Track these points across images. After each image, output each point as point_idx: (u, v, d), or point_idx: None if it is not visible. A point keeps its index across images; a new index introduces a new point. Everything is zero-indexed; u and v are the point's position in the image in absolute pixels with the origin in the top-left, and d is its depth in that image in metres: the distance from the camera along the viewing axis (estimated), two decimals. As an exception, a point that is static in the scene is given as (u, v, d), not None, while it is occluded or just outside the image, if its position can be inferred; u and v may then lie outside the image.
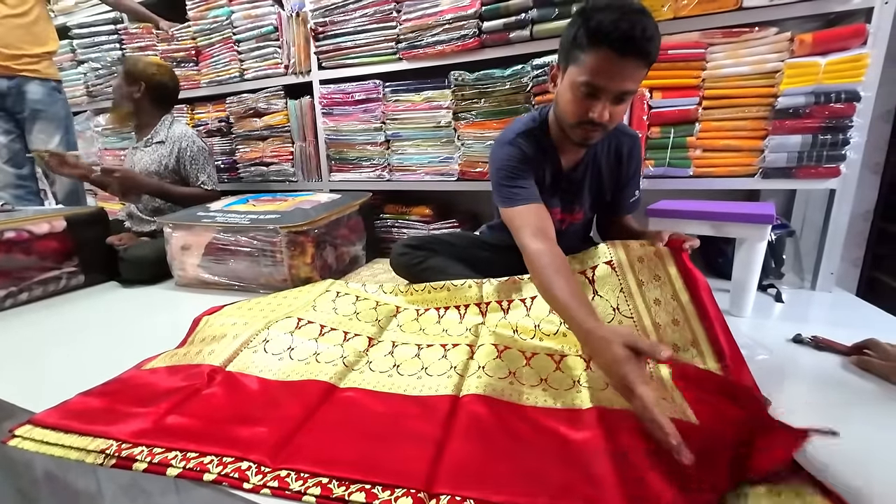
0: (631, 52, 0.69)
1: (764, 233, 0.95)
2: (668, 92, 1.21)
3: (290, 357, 0.78)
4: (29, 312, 1.17)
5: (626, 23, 0.66)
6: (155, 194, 1.55)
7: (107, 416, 0.63)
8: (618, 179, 1.00)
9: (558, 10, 1.25)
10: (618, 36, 0.67)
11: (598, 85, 0.72)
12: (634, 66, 0.70)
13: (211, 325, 0.91)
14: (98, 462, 0.55)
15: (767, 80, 1.12)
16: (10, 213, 1.28)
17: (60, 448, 0.57)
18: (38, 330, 1.05)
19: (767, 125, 1.14)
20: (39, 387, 0.77)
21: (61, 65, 2.14)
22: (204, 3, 1.74)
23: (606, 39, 0.68)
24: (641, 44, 0.68)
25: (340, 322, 0.91)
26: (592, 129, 0.80)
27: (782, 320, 1.00)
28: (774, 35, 1.09)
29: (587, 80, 0.73)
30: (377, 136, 1.60)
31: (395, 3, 1.44)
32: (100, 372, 0.77)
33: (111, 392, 0.71)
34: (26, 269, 1.22)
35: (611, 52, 0.69)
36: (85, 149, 2.26)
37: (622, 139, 0.97)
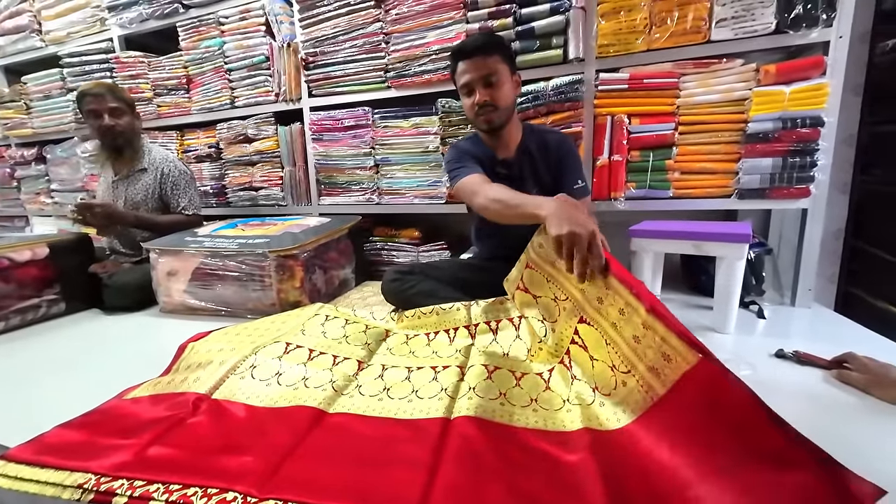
0: (472, 53, 1.02)
1: (742, 251, 0.99)
2: (645, 118, 1.27)
3: (278, 383, 0.77)
4: (5, 342, 1.13)
5: (463, 43, 1.07)
6: (136, 226, 1.53)
7: (85, 449, 0.61)
8: (553, 168, 1.12)
9: (539, 42, 1.32)
10: (459, 49, 1.06)
11: (468, 81, 1.04)
12: (480, 59, 1.02)
13: (197, 351, 0.89)
14: (75, 498, 0.53)
15: (737, 106, 1.19)
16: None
17: (35, 484, 0.55)
18: (15, 361, 1.02)
19: (740, 149, 1.20)
20: (15, 420, 0.74)
21: (50, 92, 2.15)
22: (196, 34, 1.79)
23: (458, 55, 1.05)
24: (473, 45, 1.03)
25: (330, 346, 0.91)
26: (485, 112, 1.04)
27: (765, 336, 1.03)
28: (741, 66, 1.17)
29: (462, 83, 1.06)
30: (366, 160, 1.63)
31: (383, 35, 1.50)
32: (79, 403, 0.75)
33: (91, 423, 0.68)
34: (4, 298, 1.18)
35: (462, 60, 1.04)
36: (71, 175, 2.24)
37: (548, 136, 1.13)
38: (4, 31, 2.18)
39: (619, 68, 1.27)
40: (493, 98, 1.02)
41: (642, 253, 1.15)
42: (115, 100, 1.48)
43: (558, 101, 1.32)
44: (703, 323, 1.09)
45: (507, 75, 1.05)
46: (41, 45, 2.12)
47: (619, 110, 1.28)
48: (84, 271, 1.38)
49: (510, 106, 1.07)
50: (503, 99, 1.04)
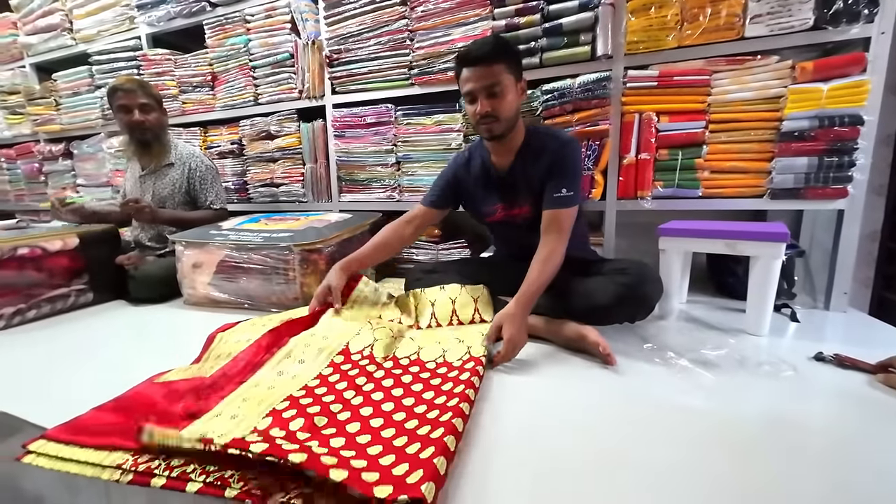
0: (476, 61, 0.98)
1: (779, 250, 0.96)
2: (675, 116, 1.25)
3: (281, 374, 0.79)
4: (37, 330, 1.15)
5: (468, 47, 1.00)
6: (171, 224, 1.55)
7: (122, 430, 0.61)
8: (544, 175, 1.05)
9: (566, 38, 1.30)
10: (463, 55, 1.00)
11: (470, 90, 1.00)
12: (484, 68, 0.97)
13: (226, 341, 0.90)
14: (114, 478, 0.53)
15: (772, 104, 1.16)
16: (24, 230, 1.28)
17: (75, 464, 0.56)
18: (47, 347, 1.03)
19: (774, 147, 1.17)
20: (49, 403, 0.75)
21: (78, 89, 2.20)
22: (222, 32, 1.81)
23: (462, 61, 1.00)
24: (478, 53, 0.97)
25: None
26: (487, 122, 1.01)
27: (800, 339, 1.00)
28: (776, 63, 1.14)
29: (465, 91, 1.02)
30: (388, 157, 1.63)
31: (408, 32, 1.50)
32: (109, 388, 0.76)
33: (124, 407, 0.69)
34: (36, 287, 1.21)
35: (465, 67, 0.99)
36: (96, 170, 2.29)
37: (547, 142, 1.07)
38: (37, 30, 2.24)
39: (649, 65, 1.25)
40: (495, 109, 0.98)
41: (671, 252, 1.13)
42: (146, 96, 1.50)
43: (585, 98, 1.31)
44: (734, 325, 1.07)
45: (512, 84, 0.99)
46: (72, 44, 2.18)
47: (648, 108, 1.26)
48: (111, 263, 1.40)
49: (513, 116, 1.02)
50: (506, 110, 1.00)
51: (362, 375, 0.79)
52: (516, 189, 1.10)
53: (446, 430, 0.58)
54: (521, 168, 1.08)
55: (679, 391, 0.76)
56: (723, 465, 0.57)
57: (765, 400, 0.73)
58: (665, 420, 0.68)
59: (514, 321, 0.87)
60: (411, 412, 0.67)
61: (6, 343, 1.06)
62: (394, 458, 0.54)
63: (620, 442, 0.63)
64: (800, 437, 0.63)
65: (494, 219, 1.16)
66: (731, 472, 0.56)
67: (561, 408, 0.72)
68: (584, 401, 0.74)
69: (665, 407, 0.71)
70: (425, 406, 0.68)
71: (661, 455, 0.59)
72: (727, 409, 0.70)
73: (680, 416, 0.68)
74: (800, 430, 0.65)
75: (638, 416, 0.69)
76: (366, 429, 0.62)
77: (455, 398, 0.68)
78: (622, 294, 0.95)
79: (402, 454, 0.55)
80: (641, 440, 0.63)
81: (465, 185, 1.18)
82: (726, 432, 0.64)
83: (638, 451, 0.60)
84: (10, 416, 0.71)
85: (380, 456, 0.55)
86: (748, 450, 0.60)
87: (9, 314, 1.15)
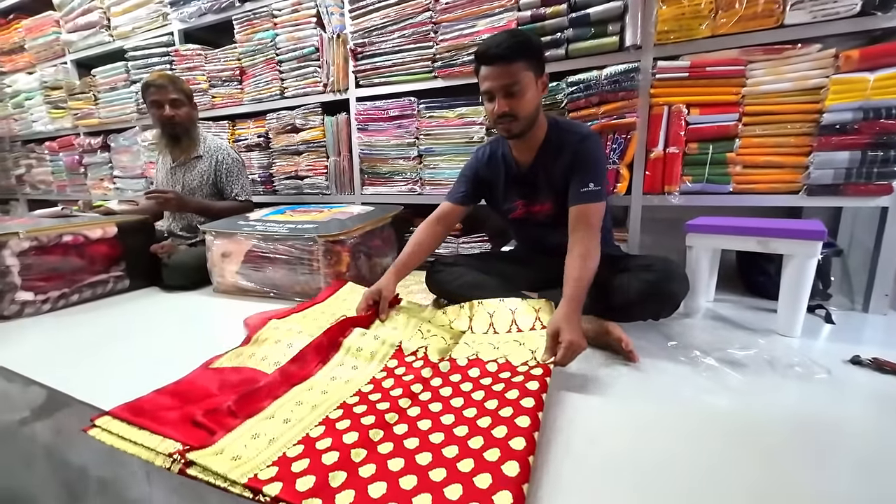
0: (493, 60, 0.94)
1: (815, 249, 0.92)
2: (706, 108, 1.20)
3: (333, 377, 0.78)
4: (80, 313, 1.22)
5: (486, 43, 0.95)
6: (198, 212, 1.61)
7: (176, 418, 0.63)
8: (566, 171, 1.02)
9: (594, 29, 1.28)
10: (481, 52, 0.96)
11: (488, 89, 0.97)
12: (502, 67, 0.93)
13: (276, 328, 0.93)
14: (166, 466, 0.54)
15: (811, 96, 1.10)
16: (69, 219, 1.35)
17: (132, 445, 0.58)
18: (92, 330, 1.10)
19: (812, 141, 1.12)
20: (96, 381, 0.80)
21: (115, 84, 2.29)
22: (250, 27, 1.85)
23: (480, 59, 0.96)
24: (496, 51, 0.93)
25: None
26: (504, 122, 0.98)
27: (835, 342, 0.96)
28: (818, 52, 1.09)
29: (483, 89, 0.98)
30: (410, 150, 1.64)
31: (432, 25, 1.50)
32: (152, 370, 0.81)
33: (182, 392, 0.72)
34: (79, 272, 1.28)
35: (482, 65, 0.96)
36: (131, 162, 2.39)
37: (567, 136, 1.03)
38: (77, 28, 2.34)
39: (680, 56, 1.21)
40: (512, 109, 0.95)
41: (699, 249, 1.10)
42: (176, 91, 1.55)
43: (612, 90, 1.28)
44: (765, 325, 1.03)
45: (531, 82, 0.96)
46: (109, 40, 2.27)
47: (678, 100, 1.22)
48: (146, 251, 1.46)
49: (532, 114, 0.99)
50: (524, 109, 0.97)
51: (417, 382, 0.73)
52: (537, 185, 1.09)
53: (521, 470, 0.50)
54: (543, 164, 1.06)
55: (704, 390, 0.75)
56: (748, 468, 0.56)
57: (795, 402, 0.71)
58: (688, 419, 0.67)
59: (571, 324, 0.81)
60: (474, 426, 0.60)
61: (54, 325, 1.13)
62: (461, 492, 0.48)
63: (639, 440, 0.62)
64: (833, 443, 0.61)
65: (516, 215, 1.15)
66: (757, 476, 0.54)
67: (579, 404, 0.72)
68: (604, 397, 0.73)
69: (688, 406, 0.70)
70: (489, 419, 0.61)
71: (683, 456, 0.58)
72: (754, 411, 0.68)
73: (704, 416, 0.67)
74: (833, 434, 0.63)
75: (659, 414, 0.68)
76: (425, 446, 0.56)
77: (525, 416, 0.60)
78: (647, 291, 0.93)
79: (470, 485, 0.49)
80: (661, 439, 0.62)
81: (486, 181, 1.17)
82: (752, 434, 0.63)
83: (657, 450, 0.60)
84: (60, 392, 0.76)
85: (444, 484, 0.49)
86: (776, 454, 0.59)
87: (55, 297, 1.22)
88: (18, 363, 0.87)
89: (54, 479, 0.83)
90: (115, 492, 0.71)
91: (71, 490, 0.81)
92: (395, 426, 0.61)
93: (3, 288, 1.13)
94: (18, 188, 3.02)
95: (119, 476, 0.70)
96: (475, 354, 0.83)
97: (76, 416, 0.74)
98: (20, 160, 2.94)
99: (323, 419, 0.63)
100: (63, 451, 0.80)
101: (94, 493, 0.75)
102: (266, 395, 0.69)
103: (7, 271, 1.13)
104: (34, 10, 2.52)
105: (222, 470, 0.51)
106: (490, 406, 0.65)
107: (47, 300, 1.21)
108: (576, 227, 0.97)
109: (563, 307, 0.85)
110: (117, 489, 0.71)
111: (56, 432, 0.81)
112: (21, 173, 2.96)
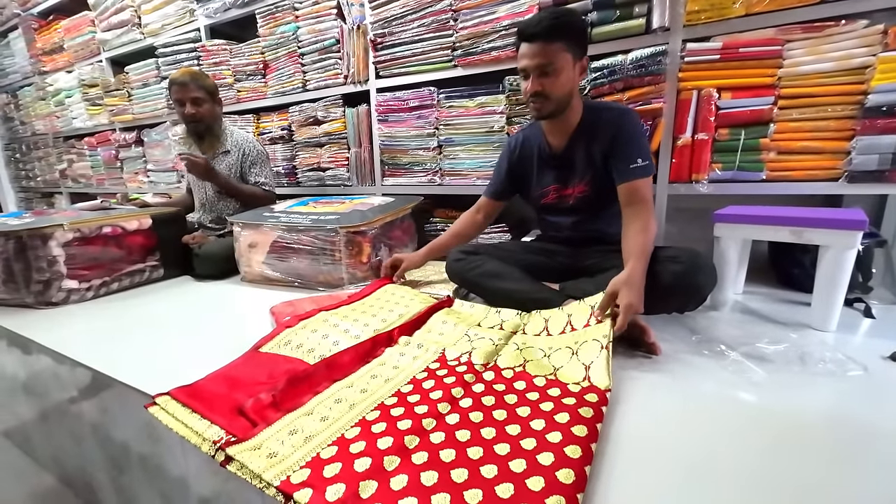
0: (533, 38, 0.94)
1: (854, 240, 0.88)
2: (738, 92, 1.15)
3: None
4: (120, 300, 1.30)
5: (527, 21, 0.96)
6: (223, 186, 1.65)
7: (225, 403, 0.66)
8: (607, 149, 1.02)
9: (619, 11, 1.23)
10: (521, 29, 0.96)
11: (524, 67, 0.97)
12: (540, 46, 0.93)
13: (324, 320, 0.96)
14: (211, 453, 0.57)
15: (855, 76, 1.04)
16: (107, 212, 1.43)
17: (184, 427, 0.61)
18: (132, 316, 1.16)
19: (855, 125, 1.05)
20: (139, 365, 0.85)
21: (147, 80, 2.38)
22: (273, 20, 1.88)
23: (520, 36, 0.97)
24: (535, 29, 0.93)
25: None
26: (535, 101, 0.99)
27: (873, 337, 0.91)
28: (864, 28, 1.01)
29: (519, 67, 0.99)
30: (430, 141, 1.64)
31: (452, 12, 1.48)
32: (194, 354, 0.87)
33: (232, 377, 0.74)
34: (118, 262, 1.35)
35: (523, 42, 0.96)
36: (163, 156, 2.49)
37: (603, 114, 1.03)
38: (111, 26, 2.43)
39: (711, 37, 1.16)
40: (545, 89, 0.96)
41: (728, 240, 1.06)
42: (197, 89, 1.58)
43: (637, 75, 1.24)
44: (797, 319, 0.99)
45: (569, 63, 0.95)
46: (140, 38, 2.35)
47: (708, 83, 1.17)
48: (179, 242, 1.53)
49: (566, 96, 0.98)
50: (558, 90, 0.96)
51: (458, 385, 0.69)
52: (573, 167, 1.09)
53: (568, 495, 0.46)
54: (580, 145, 1.06)
55: (728, 385, 0.73)
56: (775, 465, 0.55)
57: (827, 399, 0.69)
58: (710, 414, 0.65)
59: (633, 287, 0.81)
60: (517, 446, 0.55)
61: (97, 311, 1.20)
62: None
63: (659, 435, 0.61)
64: (868, 441, 0.59)
65: (547, 200, 1.15)
66: (785, 475, 0.53)
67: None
68: (624, 390, 0.73)
69: (712, 401, 0.69)
70: (534, 441, 0.55)
71: (706, 452, 0.57)
72: (783, 407, 0.66)
73: (728, 411, 0.66)
74: (869, 433, 0.60)
75: (681, 408, 0.67)
76: (461, 460, 0.53)
77: (575, 445, 0.54)
78: (673, 283, 0.91)
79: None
80: (683, 434, 0.61)
81: (519, 173, 1.19)
82: (780, 431, 0.61)
83: (679, 446, 0.59)
84: (105, 374, 0.81)
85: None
86: (805, 452, 0.57)
87: (97, 285, 1.30)
88: (68, 346, 0.93)
89: (100, 454, 0.90)
90: (157, 467, 0.77)
91: (115, 464, 0.87)
92: (432, 434, 0.58)
93: (51, 276, 1.21)
94: (62, 182, 3.20)
95: (160, 453, 0.75)
96: (522, 365, 0.77)
97: (120, 397, 0.80)
98: (62, 155, 3.11)
99: (359, 420, 0.61)
100: (108, 429, 0.86)
101: (137, 468, 0.81)
102: (307, 389, 0.69)
103: (54, 261, 1.20)
104: (72, 10, 2.63)
105: (258, 469, 0.52)
106: (536, 427, 0.58)
107: (90, 288, 1.29)
108: (630, 203, 0.98)
109: (627, 271, 0.86)
110: (159, 465, 0.76)
111: (102, 411, 0.87)
112: (63, 168, 3.14)
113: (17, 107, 3.28)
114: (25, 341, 1.01)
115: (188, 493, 0.71)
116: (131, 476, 0.84)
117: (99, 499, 0.95)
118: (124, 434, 0.81)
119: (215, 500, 0.67)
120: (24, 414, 1.13)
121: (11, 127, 3.43)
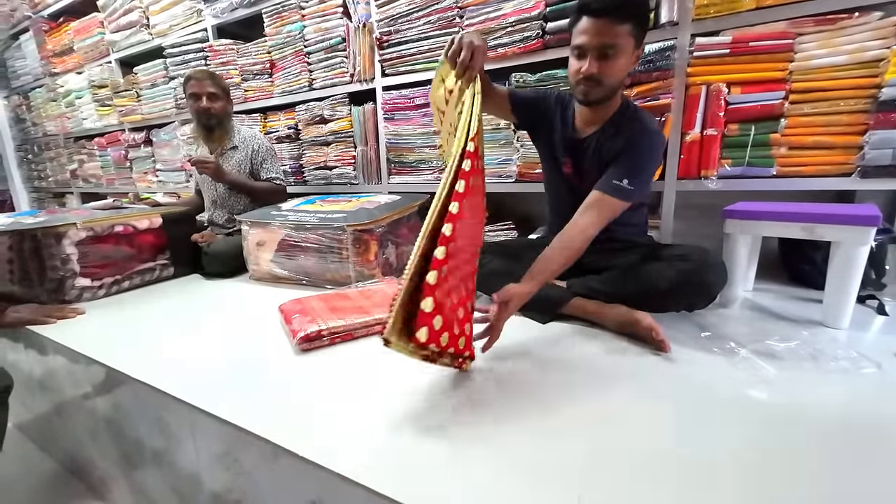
0: (599, 13, 0.84)
1: (866, 236, 0.86)
2: (748, 86, 1.14)
3: None
4: (132, 298, 1.32)
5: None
6: (233, 185, 1.67)
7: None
8: (612, 159, 0.96)
9: (627, 6, 1.22)
10: (586, 3, 0.85)
11: (581, 44, 0.88)
12: (606, 24, 0.84)
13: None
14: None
15: (869, 69, 1.02)
16: (119, 211, 1.45)
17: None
18: (144, 313, 1.18)
19: (868, 119, 1.03)
20: (153, 362, 0.86)
21: (156, 81, 2.40)
22: (279, 19, 1.88)
23: (583, 9, 0.86)
24: (604, 4, 0.83)
25: None
26: (588, 84, 0.90)
27: (886, 334, 0.90)
28: (878, 20, 1.00)
29: (575, 43, 0.89)
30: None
31: (458, 9, 1.47)
32: (213, 349, 0.88)
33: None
34: (129, 260, 1.37)
35: (586, 16, 0.86)
36: (171, 156, 2.51)
37: (632, 123, 0.96)
38: (120, 28, 2.46)
39: (720, 31, 1.14)
40: (601, 72, 0.87)
41: (738, 236, 1.05)
42: (214, 86, 1.63)
43: (645, 70, 1.23)
44: (808, 316, 0.98)
45: (630, 49, 0.87)
46: (148, 38, 2.37)
47: (717, 78, 1.16)
48: (188, 240, 1.55)
49: (617, 83, 0.91)
50: (613, 76, 0.89)
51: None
52: (585, 158, 1.03)
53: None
54: (599, 139, 0.99)
55: (738, 382, 0.72)
56: (788, 464, 0.54)
57: (841, 397, 0.68)
58: (721, 413, 0.65)
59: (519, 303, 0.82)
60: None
61: (110, 309, 1.22)
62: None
63: (668, 434, 0.61)
64: (884, 440, 0.58)
65: (567, 170, 1.09)
66: (799, 474, 0.53)
67: (608, 394, 0.71)
68: (632, 388, 0.73)
69: (722, 399, 0.68)
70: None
71: (715, 451, 0.57)
72: (793, 405, 0.66)
73: (738, 410, 0.65)
74: (884, 431, 0.60)
75: (690, 407, 0.67)
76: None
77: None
78: (682, 281, 0.90)
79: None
80: (693, 433, 0.61)
81: (546, 118, 1.08)
82: (793, 429, 0.60)
83: (689, 444, 0.59)
84: (119, 371, 0.82)
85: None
86: (819, 451, 0.56)
87: (109, 283, 1.32)
88: (83, 345, 0.94)
89: (113, 448, 0.91)
90: (169, 463, 0.78)
91: (129, 459, 0.88)
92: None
93: (65, 274, 1.23)
94: (73, 182, 3.24)
95: (172, 449, 0.76)
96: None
97: (132, 393, 0.81)
98: (73, 156, 3.15)
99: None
100: (120, 424, 0.87)
101: (150, 464, 0.83)
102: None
103: (68, 259, 1.22)
104: (81, 12, 2.66)
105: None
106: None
107: (102, 286, 1.31)
108: (588, 208, 0.91)
109: (523, 283, 0.85)
110: (171, 461, 0.77)
111: (115, 407, 0.88)
112: (74, 168, 3.18)
113: (29, 108, 3.33)
114: (41, 339, 1.03)
115: (201, 489, 0.72)
116: (144, 471, 0.86)
117: (112, 494, 0.97)
118: (137, 430, 0.83)
119: (226, 496, 0.69)
120: (38, 408, 1.15)
121: (23, 128, 3.49)
